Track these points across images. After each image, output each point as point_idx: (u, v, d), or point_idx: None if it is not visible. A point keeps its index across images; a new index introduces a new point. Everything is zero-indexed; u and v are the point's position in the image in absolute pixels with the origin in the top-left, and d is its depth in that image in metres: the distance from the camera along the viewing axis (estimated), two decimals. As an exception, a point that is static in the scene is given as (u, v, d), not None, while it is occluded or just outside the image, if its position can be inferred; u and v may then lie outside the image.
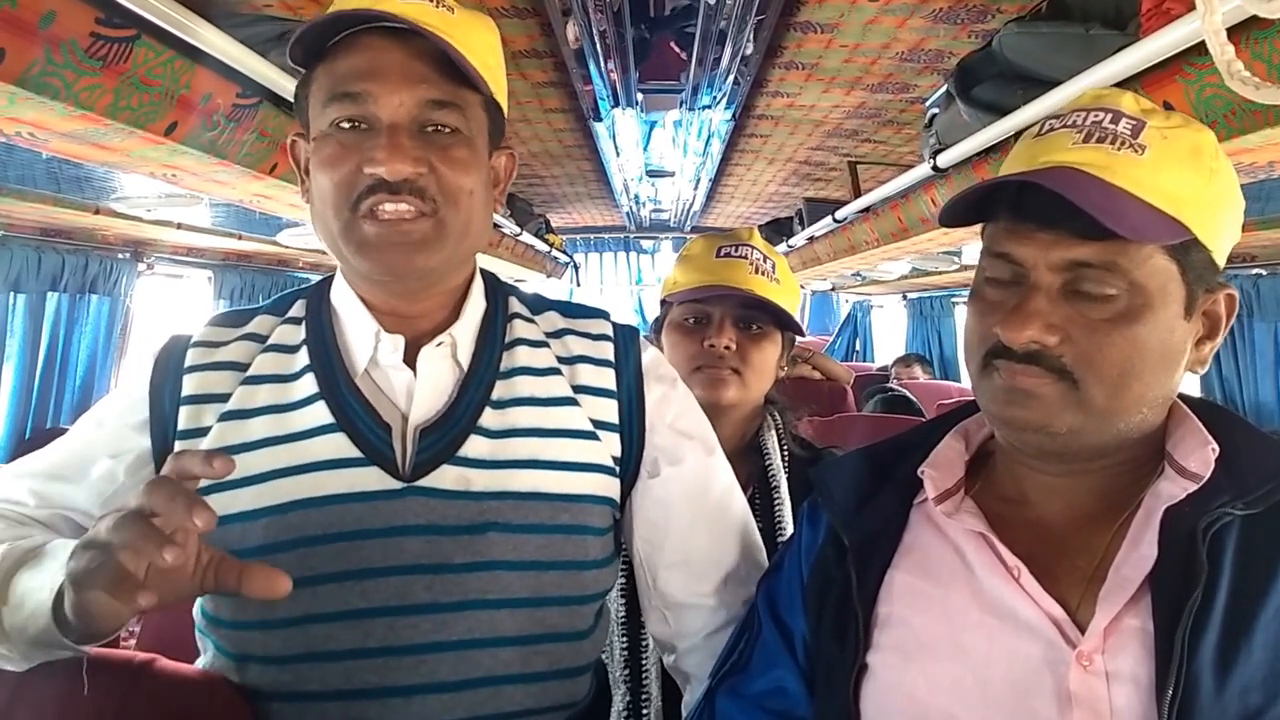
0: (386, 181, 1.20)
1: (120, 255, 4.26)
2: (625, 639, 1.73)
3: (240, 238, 4.33)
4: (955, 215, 1.16)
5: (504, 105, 1.37)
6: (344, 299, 1.36)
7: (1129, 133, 1.07)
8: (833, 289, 10.67)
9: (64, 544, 1.11)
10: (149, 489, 0.98)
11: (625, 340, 1.45)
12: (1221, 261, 1.10)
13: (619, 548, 1.47)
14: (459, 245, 1.28)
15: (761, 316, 1.97)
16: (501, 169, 1.41)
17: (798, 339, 2.12)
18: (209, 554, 1.04)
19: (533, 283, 8.89)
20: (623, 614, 1.74)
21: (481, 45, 1.29)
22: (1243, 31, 1.40)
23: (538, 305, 1.47)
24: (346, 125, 1.23)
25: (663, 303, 2.10)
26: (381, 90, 1.21)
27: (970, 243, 4.29)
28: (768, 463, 1.95)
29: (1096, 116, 1.09)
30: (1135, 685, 1.00)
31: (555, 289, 9.99)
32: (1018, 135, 1.40)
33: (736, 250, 2.01)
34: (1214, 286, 1.11)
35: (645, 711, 1.71)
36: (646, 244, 11.35)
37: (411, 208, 1.21)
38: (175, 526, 0.96)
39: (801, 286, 10.12)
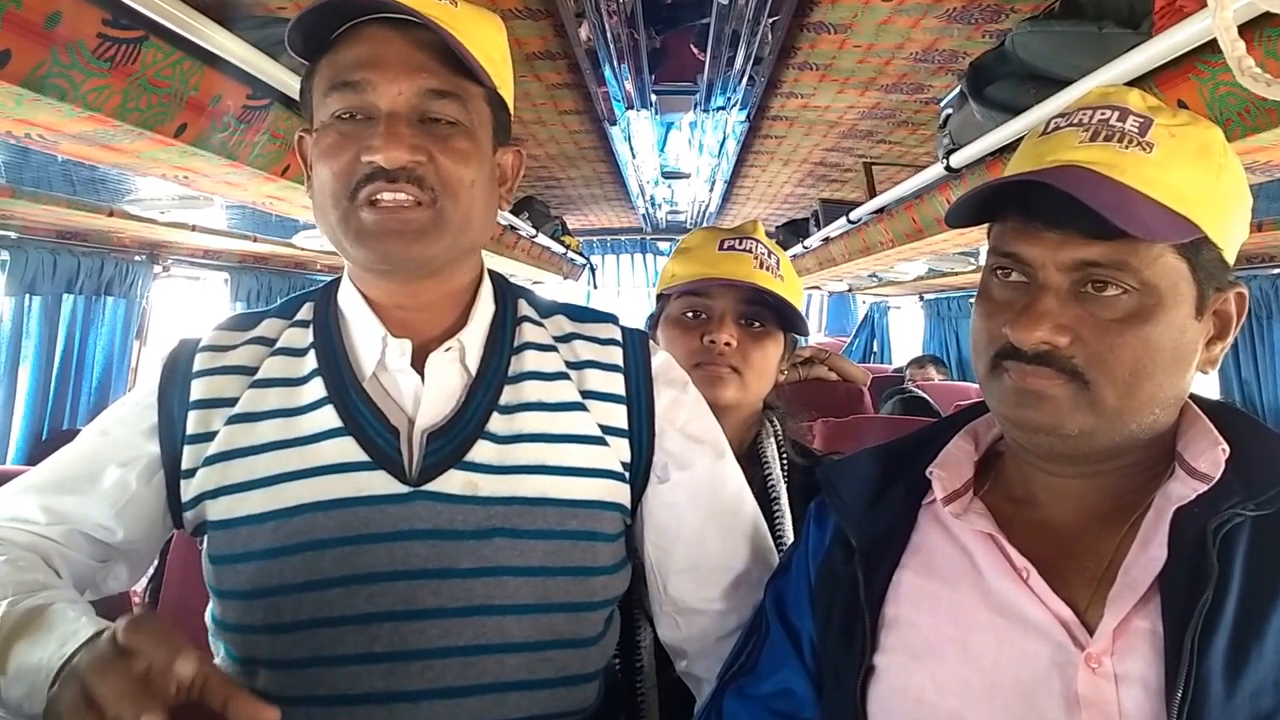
0: (384, 169, 1.19)
1: (136, 257, 4.29)
2: (618, 660, 1.64)
3: (255, 239, 4.34)
4: (962, 215, 1.15)
5: (509, 102, 1.36)
6: (351, 302, 1.36)
7: (1136, 130, 1.06)
8: (850, 290, 10.66)
9: (61, 613, 1.08)
10: (132, 630, 0.93)
11: (634, 344, 1.43)
12: (1231, 259, 1.09)
13: (630, 554, 1.45)
14: (458, 237, 1.27)
15: (764, 313, 1.90)
16: (509, 166, 1.40)
17: (809, 340, 2.08)
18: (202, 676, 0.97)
19: (550, 284, 8.90)
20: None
21: (485, 39, 1.29)
22: (1255, 29, 1.40)
23: (546, 308, 1.46)
24: (347, 116, 1.22)
25: (659, 296, 2.03)
26: (381, 79, 1.20)
27: (986, 244, 4.27)
28: (767, 472, 1.89)
29: (1103, 114, 1.08)
30: (1144, 688, 0.99)
31: (572, 291, 10.01)
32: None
33: (740, 244, 1.93)
34: (1224, 285, 1.10)
35: None
36: (663, 245, 11.37)
37: (409, 196, 1.20)
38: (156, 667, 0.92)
39: (818, 288, 10.06)
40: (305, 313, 1.40)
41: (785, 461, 1.93)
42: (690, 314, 1.92)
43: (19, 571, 1.18)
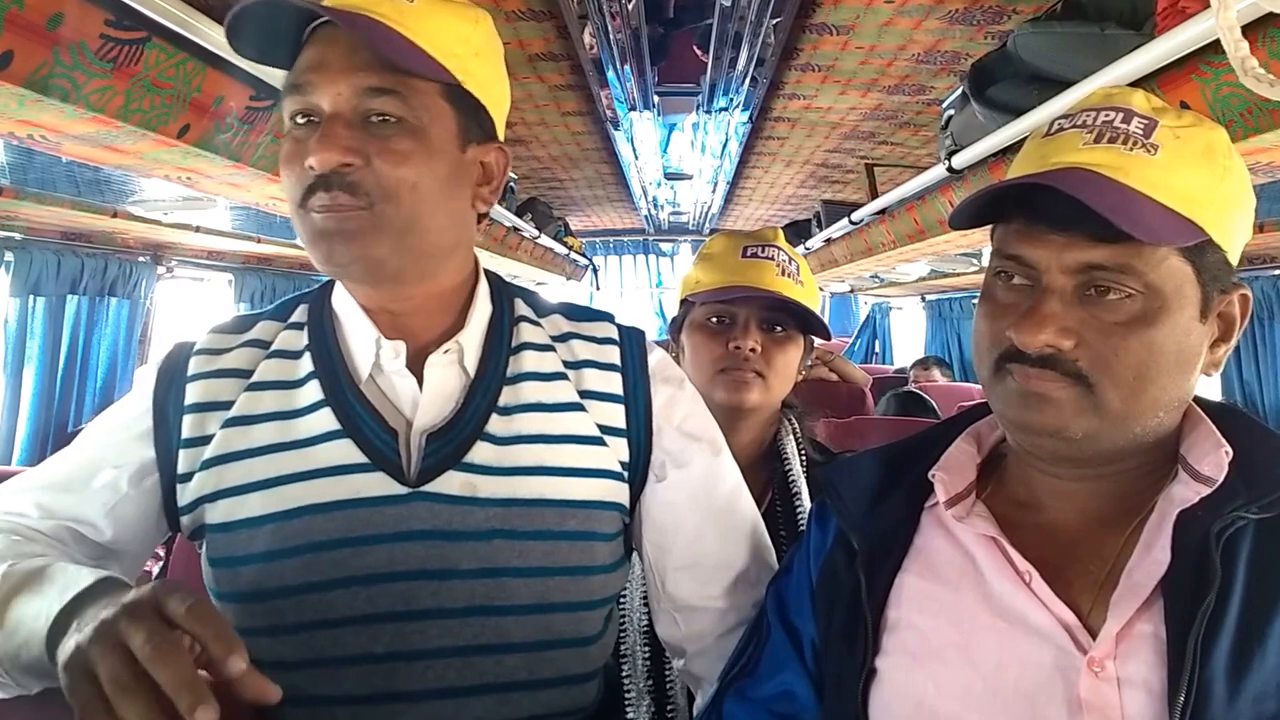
0: (323, 176, 1.18)
1: (140, 258, 4.29)
2: (648, 648, 1.70)
3: (259, 240, 4.34)
4: (966, 217, 1.14)
5: (487, 96, 1.33)
6: (344, 304, 1.35)
7: (1141, 132, 1.05)
8: (851, 291, 10.66)
9: (62, 568, 1.08)
10: (193, 615, 0.90)
11: (631, 343, 1.43)
12: (1235, 261, 1.09)
13: (629, 551, 1.45)
14: (404, 239, 1.23)
15: (786, 319, 1.95)
16: (492, 164, 1.35)
17: (823, 342, 2.11)
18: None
19: (553, 285, 8.91)
20: (645, 623, 1.70)
21: (444, 33, 1.25)
22: (1259, 29, 1.40)
23: (543, 308, 1.46)
24: (301, 121, 1.22)
25: (683, 302, 2.08)
26: (322, 79, 1.19)
27: (988, 244, 4.26)
28: (787, 468, 1.93)
29: (1107, 116, 1.08)
30: (1147, 692, 0.98)
31: (575, 292, 10.02)
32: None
33: (763, 251, 1.98)
34: (1228, 287, 1.09)
35: None
36: (665, 246, 11.40)
37: (345, 204, 1.19)
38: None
39: (820, 289, 10.15)
40: (300, 315, 1.39)
41: (804, 458, 1.97)
42: (715, 320, 1.97)
43: (17, 545, 1.19)
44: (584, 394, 1.36)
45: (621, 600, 1.71)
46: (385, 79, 1.20)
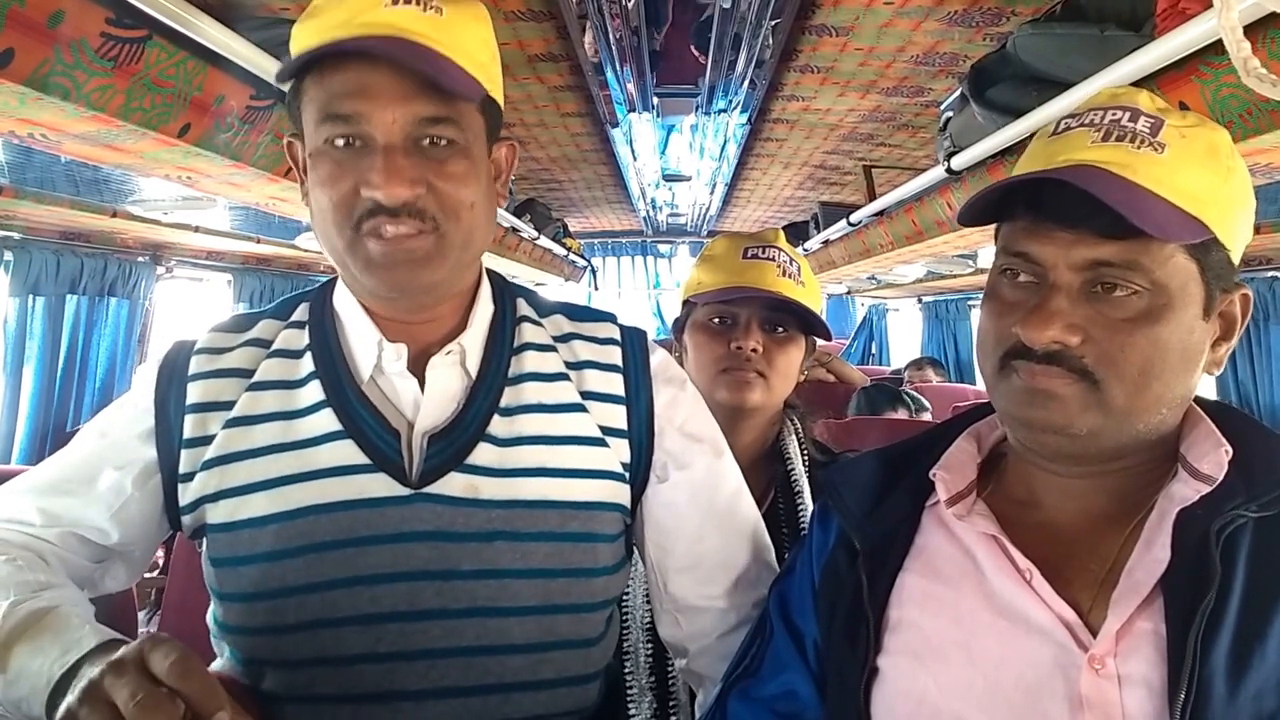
0: (385, 205, 1.17)
1: (139, 258, 4.30)
2: (650, 645, 1.71)
3: (258, 241, 4.34)
4: (973, 215, 1.14)
5: (499, 99, 1.33)
6: (346, 306, 1.35)
7: (1148, 131, 1.06)
8: (848, 293, 10.66)
9: (65, 620, 1.08)
10: (180, 673, 0.91)
11: (632, 343, 1.43)
12: (1237, 261, 1.09)
13: (630, 552, 1.45)
14: (461, 255, 1.26)
15: (787, 319, 1.96)
16: (503, 160, 1.38)
17: (821, 343, 2.11)
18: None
19: (551, 286, 8.91)
20: (647, 620, 1.71)
21: (475, 42, 1.26)
22: (1260, 29, 1.40)
23: (545, 307, 1.46)
24: (340, 143, 1.20)
25: (685, 303, 2.08)
26: (373, 109, 1.17)
27: (985, 246, 4.28)
28: (790, 468, 1.94)
29: (1115, 115, 1.08)
30: (1147, 689, 0.99)
31: (574, 293, 10.02)
32: (1033, 137, 1.40)
33: (764, 252, 1.99)
34: (1230, 286, 1.10)
35: (674, 718, 1.70)
36: (664, 248, 11.40)
37: (412, 229, 1.19)
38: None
39: (818, 290, 10.16)
40: (301, 313, 1.39)
41: (806, 457, 1.97)
42: (717, 320, 1.98)
43: (20, 571, 1.17)
44: (585, 395, 1.36)
45: (624, 598, 1.71)
46: (440, 107, 1.20)
